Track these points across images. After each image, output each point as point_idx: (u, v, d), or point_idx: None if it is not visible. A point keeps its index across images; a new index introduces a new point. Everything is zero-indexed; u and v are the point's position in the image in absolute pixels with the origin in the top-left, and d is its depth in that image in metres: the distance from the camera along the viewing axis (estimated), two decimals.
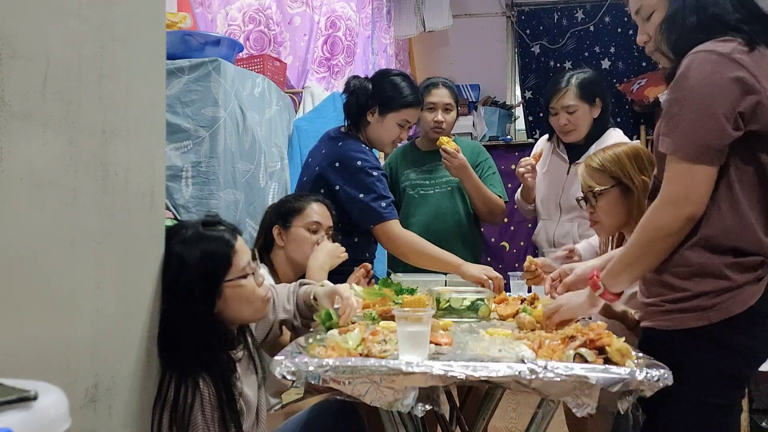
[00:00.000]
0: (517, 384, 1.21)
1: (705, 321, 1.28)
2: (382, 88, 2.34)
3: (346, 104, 2.40)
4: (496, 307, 1.89)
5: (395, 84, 2.35)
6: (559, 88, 2.52)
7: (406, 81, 2.39)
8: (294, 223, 2.05)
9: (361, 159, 2.26)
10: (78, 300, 1.11)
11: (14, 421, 0.70)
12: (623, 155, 1.81)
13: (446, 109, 2.67)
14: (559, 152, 2.59)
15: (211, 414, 1.34)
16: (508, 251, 4.92)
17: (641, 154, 1.82)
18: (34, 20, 1.01)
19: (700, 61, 1.28)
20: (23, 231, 0.99)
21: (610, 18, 5.11)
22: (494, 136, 4.96)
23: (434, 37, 5.24)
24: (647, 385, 1.18)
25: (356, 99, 2.35)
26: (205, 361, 1.37)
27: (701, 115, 1.26)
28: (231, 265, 1.42)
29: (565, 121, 2.50)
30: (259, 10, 3.29)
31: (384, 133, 2.36)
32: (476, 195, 2.62)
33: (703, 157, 1.26)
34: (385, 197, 2.26)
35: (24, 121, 0.98)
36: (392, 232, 2.27)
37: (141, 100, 1.31)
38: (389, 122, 2.35)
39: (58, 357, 1.07)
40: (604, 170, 1.81)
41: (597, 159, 1.85)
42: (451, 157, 2.50)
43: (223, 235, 1.44)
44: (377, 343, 1.34)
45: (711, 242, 1.30)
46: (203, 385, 1.34)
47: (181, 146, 2.43)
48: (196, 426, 1.32)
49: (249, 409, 1.48)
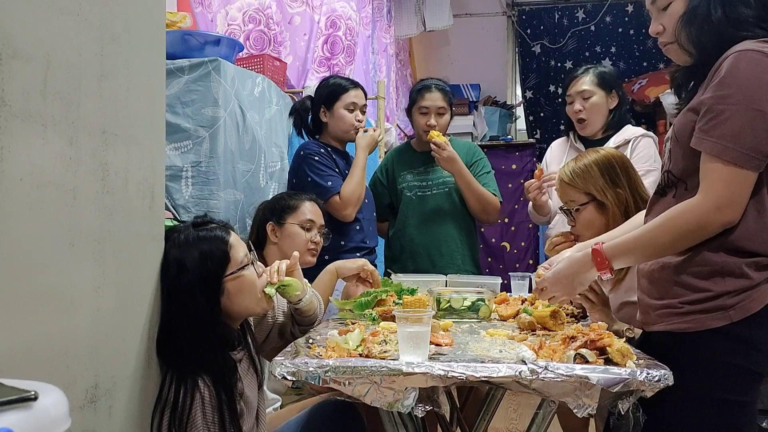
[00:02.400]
0: (518, 384, 1.21)
1: (727, 320, 1.26)
2: (319, 92, 2.63)
3: (297, 123, 2.70)
4: (497, 308, 1.89)
5: (327, 82, 2.63)
6: (576, 75, 2.54)
7: (335, 77, 2.68)
8: (288, 220, 2.10)
9: (303, 149, 2.53)
10: (78, 300, 1.11)
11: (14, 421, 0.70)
12: (594, 167, 1.76)
13: (439, 113, 2.67)
14: (577, 147, 2.58)
15: (211, 415, 1.33)
16: (508, 251, 4.92)
17: (613, 163, 1.77)
18: (34, 20, 1.01)
19: (749, 61, 1.24)
20: (23, 231, 0.98)
21: (611, 18, 5.11)
22: (495, 136, 4.96)
23: (435, 37, 5.24)
24: (648, 386, 1.18)
25: (305, 112, 2.66)
26: (206, 363, 1.37)
27: (751, 115, 1.22)
28: (229, 260, 1.44)
29: (580, 107, 2.48)
30: (259, 9, 3.29)
31: (340, 122, 2.57)
32: (468, 191, 2.63)
33: (751, 162, 1.22)
34: (329, 175, 2.47)
35: (24, 121, 0.98)
36: (336, 203, 2.45)
37: (141, 100, 1.31)
38: (339, 111, 2.56)
39: (58, 357, 1.06)
40: (575, 186, 1.78)
41: (567, 172, 1.80)
42: (440, 149, 2.52)
43: (216, 233, 1.46)
44: (377, 343, 1.34)
45: (732, 245, 1.27)
46: (203, 386, 1.34)
47: (181, 146, 2.43)
48: (195, 427, 1.32)
49: (249, 410, 1.48)
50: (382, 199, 2.82)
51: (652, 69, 4.96)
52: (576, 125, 2.55)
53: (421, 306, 1.59)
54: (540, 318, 1.66)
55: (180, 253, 1.40)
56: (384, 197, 2.82)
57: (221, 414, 1.35)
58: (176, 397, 1.33)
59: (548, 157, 2.71)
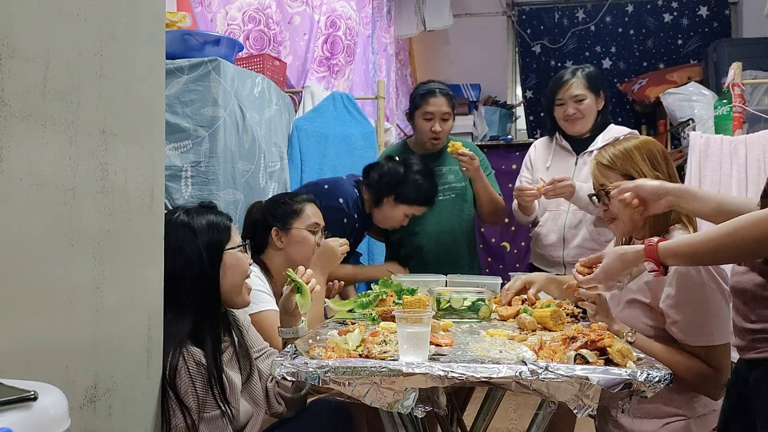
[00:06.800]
0: (518, 385, 1.20)
1: None
2: (406, 181, 2.49)
3: (375, 178, 2.52)
4: (497, 308, 1.88)
5: (417, 183, 2.49)
6: (566, 79, 2.55)
7: (428, 180, 2.53)
8: (294, 225, 2.08)
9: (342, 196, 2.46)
10: (77, 300, 1.11)
11: (14, 421, 0.70)
12: (634, 150, 1.72)
13: (443, 119, 2.64)
14: (564, 146, 2.60)
15: (196, 369, 1.41)
16: (508, 251, 4.92)
17: (653, 149, 1.73)
18: (34, 20, 1.01)
19: None
20: (23, 231, 0.98)
21: (611, 18, 5.11)
22: (495, 136, 4.96)
23: (435, 37, 5.24)
24: (648, 386, 1.17)
25: (385, 180, 2.50)
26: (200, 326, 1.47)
27: None
28: (230, 237, 1.59)
29: (574, 110, 2.52)
30: (258, 9, 3.29)
31: (390, 218, 2.54)
32: (485, 195, 2.64)
33: None
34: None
35: (24, 121, 0.98)
36: None
37: (141, 100, 1.31)
38: (399, 212, 2.51)
39: (58, 357, 1.06)
40: (615, 167, 1.72)
41: (607, 155, 1.76)
42: (470, 159, 2.50)
43: (221, 214, 1.63)
44: (377, 344, 1.33)
45: None
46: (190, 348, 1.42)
47: (180, 146, 2.43)
48: (181, 383, 1.39)
49: (233, 390, 1.51)
50: None
51: (652, 69, 4.96)
52: (563, 124, 2.57)
53: (421, 306, 1.59)
54: (540, 318, 1.65)
55: (189, 219, 1.55)
56: None
57: (209, 381, 1.42)
58: (165, 359, 1.40)
59: (533, 157, 2.70)
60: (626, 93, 4.85)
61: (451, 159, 2.65)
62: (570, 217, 2.53)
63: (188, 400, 1.39)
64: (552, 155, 2.62)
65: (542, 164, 2.63)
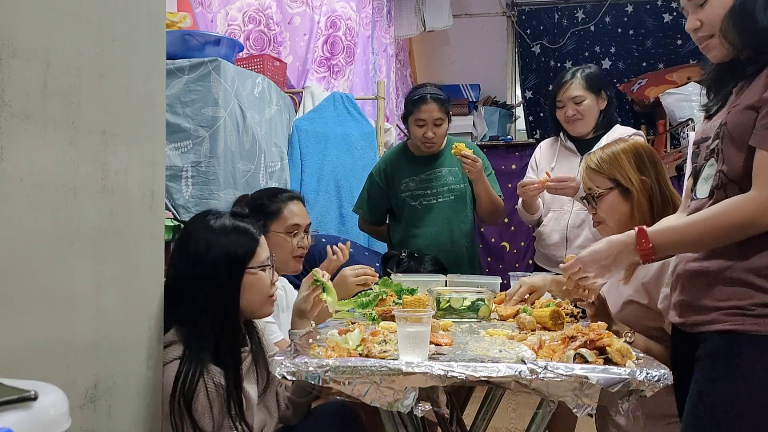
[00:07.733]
0: (518, 384, 1.20)
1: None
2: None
3: None
4: (497, 308, 1.88)
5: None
6: (565, 80, 2.56)
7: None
8: (271, 228, 1.95)
9: None
10: (78, 299, 1.11)
11: (14, 421, 0.70)
12: (621, 154, 1.76)
13: (436, 124, 2.62)
14: (568, 146, 2.60)
15: (217, 402, 1.38)
16: (508, 251, 4.92)
17: (641, 151, 1.76)
18: (34, 20, 1.01)
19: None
20: (23, 231, 0.99)
21: (611, 18, 5.11)
22: (494, 136, 4.96)
23: (434, 37, 5.24)
24: (647, 385, 1.17)
25: None
26: (220, 345, 1.44)
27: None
28: (254, 256, 1.53)
29: (573, 112, 2.52)
30: (259, 9, 3.29)
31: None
32: (486, 196, 2.64)
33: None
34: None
35: (24, 121, 0.98)
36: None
37: (141, 100, 1.31)
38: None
39: (58, 357, 1.07)
40: (602, 171, 1.76)
41: (595, 159, 1.80)
42: (474, 162, 2.50)
43: (251, 229, 1.55)
44: (377, 343, 1.34)
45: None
46: (213, 372, 1.39)
47: (181, 146, 2.43)
48: (199, 405, 1.36)
49: (249, 405, 1.49)
50: (380, 204, 2.79)
51: (651, 69, 4.96)
52: (566, 125, 2.58)
53: (420, 306, 1.59)
54: (539, 318, 1.66)
55: (212, 235, 1.49)
56: (383, 202, 2.79)
57: (228, 402, 1.40)
58: (185, 379, 1.37)
59: (538, 157, 2.71)
60: (626, 93, 4.84)
61: (450, 160, 2.66)
62: (573, 217, 2.53)
63: (203, 423, 1.37)
64: (557, 156, 2.62)
65: (547, 165, 2.63)
